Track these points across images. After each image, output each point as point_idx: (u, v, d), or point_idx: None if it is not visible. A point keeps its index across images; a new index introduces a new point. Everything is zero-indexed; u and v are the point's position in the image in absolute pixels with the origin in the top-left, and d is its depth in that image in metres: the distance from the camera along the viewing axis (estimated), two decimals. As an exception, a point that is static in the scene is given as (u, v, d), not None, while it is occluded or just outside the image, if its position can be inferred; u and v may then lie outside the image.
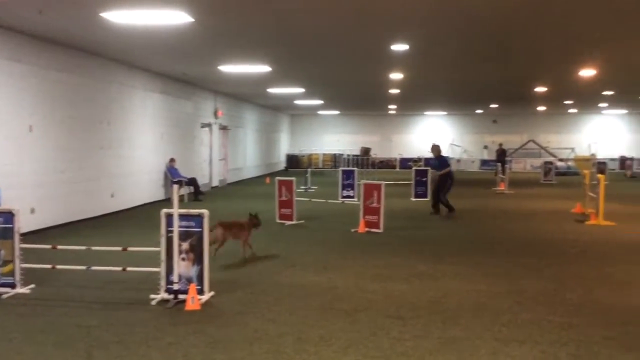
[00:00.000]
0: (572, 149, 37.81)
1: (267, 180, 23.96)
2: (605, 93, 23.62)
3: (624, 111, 36.69)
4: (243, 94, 24.44)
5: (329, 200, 14.71)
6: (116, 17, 9.10)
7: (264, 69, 15.29)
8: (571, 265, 8.47)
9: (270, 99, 26.17)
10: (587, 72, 16.51)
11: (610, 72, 16.75)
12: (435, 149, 14.79)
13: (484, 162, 37.75)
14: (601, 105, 31.05)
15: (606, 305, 6.38)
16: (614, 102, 28.90)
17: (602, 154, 36.15)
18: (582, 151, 37.00)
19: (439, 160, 14.73)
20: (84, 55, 12.87)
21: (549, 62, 15.02)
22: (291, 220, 12.62)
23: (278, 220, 12.67)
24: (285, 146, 39.17)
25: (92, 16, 9.12)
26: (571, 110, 35.86)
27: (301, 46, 12.37)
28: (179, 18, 9.23)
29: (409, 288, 7.11)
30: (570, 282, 7.41)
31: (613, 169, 34.00)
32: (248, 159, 28.80)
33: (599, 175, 13.08)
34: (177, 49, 12.68)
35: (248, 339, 5.25)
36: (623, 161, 35.76)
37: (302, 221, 12.74)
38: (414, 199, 17.71)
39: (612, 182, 25.45)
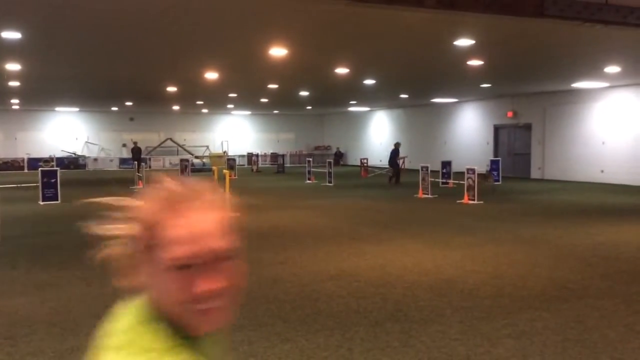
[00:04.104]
0: (207, 147, 40.34)
1: None
2: (230, 95, 25.83)
3: (248, 112, 40.87)
4: None
5: None
6: None
7: None
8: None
9: None
10: (212, 75, 17.74)
11: (231, 77, 18.36)
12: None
13: (124, 161, 37.19)
14: (229, 106, 33.91)
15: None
16: (238, 103, 31.90)
17: (233, 151, 39.66)
18: (216, 149, 39.86)
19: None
20: None
21: (175, 63, 15.58)
22: None
23: None
24: None
25: None
26: (204, 110, 38.18)
27: None
28: None
29: (26, 301, 6.42)
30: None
31: (242, 165, 37.62)
32: None
33: (225, 171, 14.23)
34: None
35: None
36: (250, 157, 39.84)
37: None
38: (42, 203, 16.24)
39: (241, 176, 28.14)
